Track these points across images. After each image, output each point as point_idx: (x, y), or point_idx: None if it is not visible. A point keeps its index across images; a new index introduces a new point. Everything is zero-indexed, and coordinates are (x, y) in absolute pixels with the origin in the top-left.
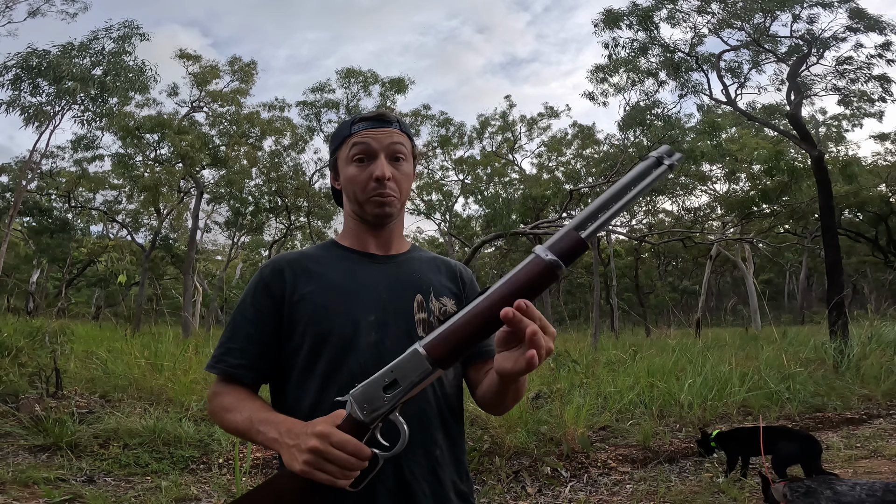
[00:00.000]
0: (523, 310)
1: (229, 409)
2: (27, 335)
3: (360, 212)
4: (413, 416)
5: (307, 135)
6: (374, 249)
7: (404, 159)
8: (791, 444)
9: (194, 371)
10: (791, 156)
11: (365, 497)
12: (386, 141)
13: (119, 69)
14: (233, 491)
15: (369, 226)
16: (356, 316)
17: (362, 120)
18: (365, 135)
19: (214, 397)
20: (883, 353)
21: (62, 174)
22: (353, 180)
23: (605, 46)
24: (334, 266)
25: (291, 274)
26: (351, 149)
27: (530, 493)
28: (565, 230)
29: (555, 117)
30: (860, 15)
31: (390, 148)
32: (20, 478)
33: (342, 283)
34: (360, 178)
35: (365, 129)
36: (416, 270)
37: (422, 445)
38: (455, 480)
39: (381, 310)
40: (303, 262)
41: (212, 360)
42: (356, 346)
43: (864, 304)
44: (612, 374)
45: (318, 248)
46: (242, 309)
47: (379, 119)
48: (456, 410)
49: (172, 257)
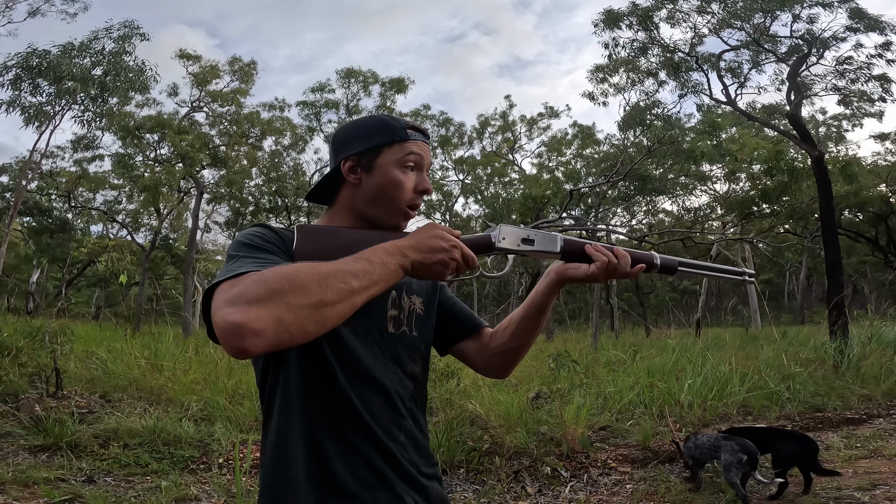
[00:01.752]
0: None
1: (284, 270)
2: (27, 335)
3: (378, 215)
4: (389, 387)
5: (307, 135)
6: None
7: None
8: (788, 444)
9: (194, 371)
10: (791, 156)
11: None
12: (428, 159)
13: (119, 69)
14: (233, 491)
15: (369, 228)
16: None
17: (414, 128)
18: (421, 146)
19: (246, 279)
20: (883, 353)
21: (62, 174)
22: (400, 185)
23: (605, 46)
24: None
25: (288, 245)
26: (407, 154)
27: (530, 493)
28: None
29: (555, 117)
30: (860, 15)
31: (428, 166)
32: (20, 478)
33: None
34: (407, 185)
35: (419, 139)
36: None
37: (399, 409)
38: (429, 451)
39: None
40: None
41: (251, 263)
42: (336, 336)
43: (864, 304)
44: (612, 374)
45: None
46: (255, 239)
47: (426, 134)
48: (424, 388)
49: (172, 257)
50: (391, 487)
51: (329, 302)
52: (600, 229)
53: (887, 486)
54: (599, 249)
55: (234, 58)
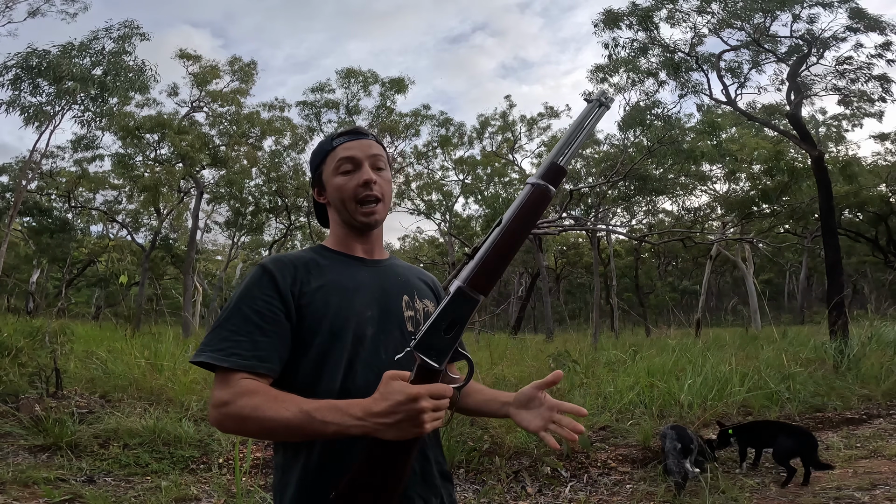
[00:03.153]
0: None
1: (262, 408)
2: (27, 335)
3: (348, 219)
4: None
5: (307, 135)
6: (361, 254)
7: (384, 168)
8: (788, 438)
9: (194, 371)
10: (791, 156)
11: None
12: (368, 151)
13: (119, 69)
14: (233, 491)
15: (357, 232)
16: (361, 311)
17: (341, 135)
18: (348, 147)
19: (235, 400)
20: (883, 353)
21: (62, 174)
22: (342, 189)
23: (605, 46)
24: (333, 267)
25: (294, 270)
26: (337, 161)
27: (530, 493)
28: (547, 162)
29: (555, 117)
30: (860, 15)
31: (372, 158)
32: (20, 478)
33: (344, 282)
34: (348, 185)
35: (346, 141)
36: (400, 275)
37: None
38: (440, 461)
39: (377, 307)
40: (304, 261)
41: (213, 353)
42: (364, 338)
43: (864, 304)
44: (612, 374)
45: (309, 252)
46: (245, 299)
47: (356, 133)
48: None
49: (172, 257)
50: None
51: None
52: (600, 229)
53: (887, 486)
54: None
55: (234, 58)
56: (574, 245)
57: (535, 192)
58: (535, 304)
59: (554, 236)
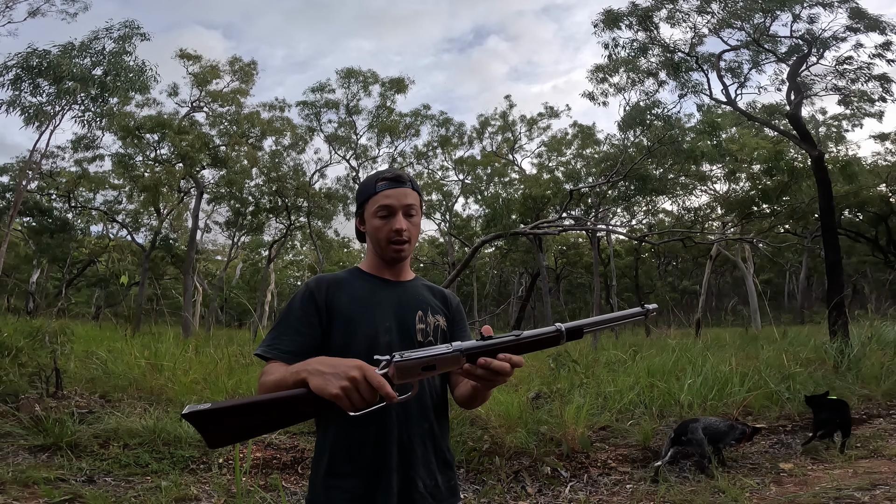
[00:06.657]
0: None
1: (267, 373)
2: (27, 335)
3: (381, 253)
4: (416, 399)
5: (307, 135)
6: (389, 276)
7: (415, 214)
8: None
9: (194, 371)
10: (791, 156)
11: (382, 447)
12: (403, 201)
13: (119, 69)
14: (233, 491)
15: (387, 263)
16: (376, 322)
17: (383, 180)
18: (387, 195)
19: (264, 375)
20: (883, 353)
21: (62, 174)
22: (378, 230)
23: (605, 47)
24: (361, 286)
25: (329, 288)
26: (377, 207)
27: (530, 493)
28: (578, 323)
29: (554, 117)
30: (860, 15)
31: (405, 207)
32: (20, 478)
33: (366, 299)
34: (383, 230)
35: (386, 188)
36: (419, 294)
37: (422, 416)
38: (444, 448)
39: (393, 319)
40: (339, 280)
41: (265, 347)
42: (376, 343)
43: (864, 304)
44: (612, 374)
45: (347, 273)
46: (291, 310)
47: (396, 180)
48: (443, 400)
49: (172, 257)
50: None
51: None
52: (600, 229)
53: (887, 486)
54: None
55: (235, 58)
56: (574, 245)
57: (554, 333)
58: (535, 303)
59: (554, 236)
